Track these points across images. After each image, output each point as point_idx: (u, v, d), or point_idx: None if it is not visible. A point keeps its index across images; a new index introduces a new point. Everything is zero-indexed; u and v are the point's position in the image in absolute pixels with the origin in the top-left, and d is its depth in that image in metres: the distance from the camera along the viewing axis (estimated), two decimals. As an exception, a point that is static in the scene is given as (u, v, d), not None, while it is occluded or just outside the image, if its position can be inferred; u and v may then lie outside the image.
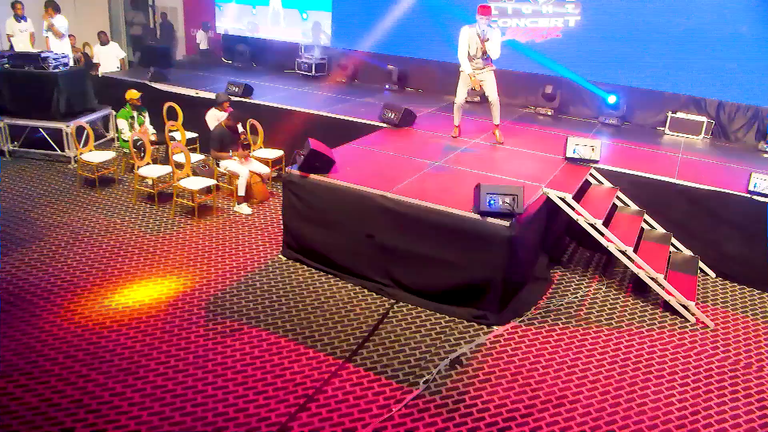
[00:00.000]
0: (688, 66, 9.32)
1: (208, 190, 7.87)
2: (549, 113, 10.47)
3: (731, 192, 6.84)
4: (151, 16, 16.45)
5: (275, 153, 8.91)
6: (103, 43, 12.58)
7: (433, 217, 5.75)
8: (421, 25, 11.24)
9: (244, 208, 7.90)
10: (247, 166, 7.98)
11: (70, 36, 11.64)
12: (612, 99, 9.94)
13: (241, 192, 7.87)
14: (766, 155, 8.81)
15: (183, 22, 16.15)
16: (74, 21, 11.51)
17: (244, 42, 13.44)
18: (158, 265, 6.48)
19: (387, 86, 11.64)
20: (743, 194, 6.76)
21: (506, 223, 5.46)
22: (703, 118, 9.52)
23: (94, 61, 12.79)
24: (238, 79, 10.48)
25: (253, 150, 8.81)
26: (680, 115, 9.68)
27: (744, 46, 8.95)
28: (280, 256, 6.80)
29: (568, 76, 10.12)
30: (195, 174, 8.07)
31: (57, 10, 11.06)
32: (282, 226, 6.82)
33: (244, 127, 8.83)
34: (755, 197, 6.71)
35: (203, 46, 14.82)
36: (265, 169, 8.29)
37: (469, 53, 7.71)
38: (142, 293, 5.89)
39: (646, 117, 10.10)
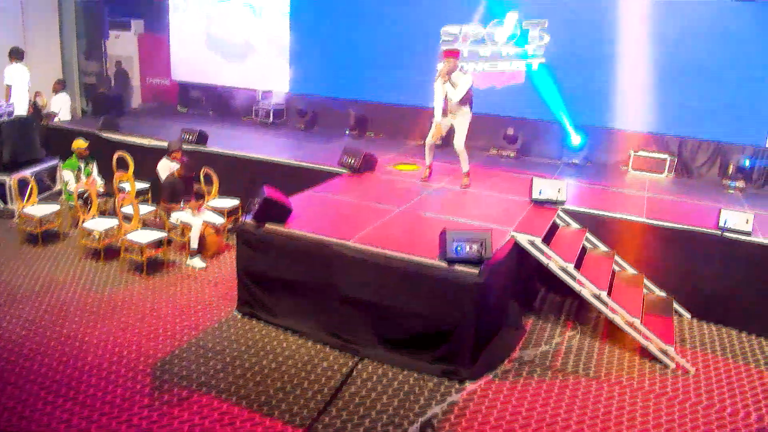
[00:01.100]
0: (649, 104, 9.34)
1: (158, 244, 7.39)
2: (511, 155, 10.34)
3: (702, 229, 6.69)
4: (105, 64, 16.06)
5: (231, 202, 8.51)
6: (56, 92, 12.15)
7: (397, 266, 5.40)
8: (381, 68, 11.11)
9: (197, 262, 7.45)
10: (200, 217, 7.56)
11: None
12: (577, 140, 9.86)
13: (194, 245, 7.43)
14: (730, 191, 8.76)
15: (138, 71, 15.81)
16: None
17: (200, 89, 13.14)
18: (102, 327, 5.96)
19: (347, 131, 11.41)
20: (714, 231, 6.60)
21: (475, 271, 5.15)
22: (666, 156, 9.49)
23: (49, 110, 12.29)
24: (192, 126, 10.11)
25: (208, 200, 8.40)
26: (642, 153, 9.63)
27: (702, 83, 9.02)
28: (235, 312, 6.34)
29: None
30: (145, 226, 7.62)
31: (15, 57, 10.59)
32: (237, 280, 6.38)
33: (197, 176, 8.44)
34: (726, 234, 6.56)
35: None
36: (219, 220, 7.87)
37: (446, 98, 7.61)
38: (82, 359, 5.37)
39: (609, 156, 10.04)
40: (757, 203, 7.95)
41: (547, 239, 6.45)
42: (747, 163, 8.97)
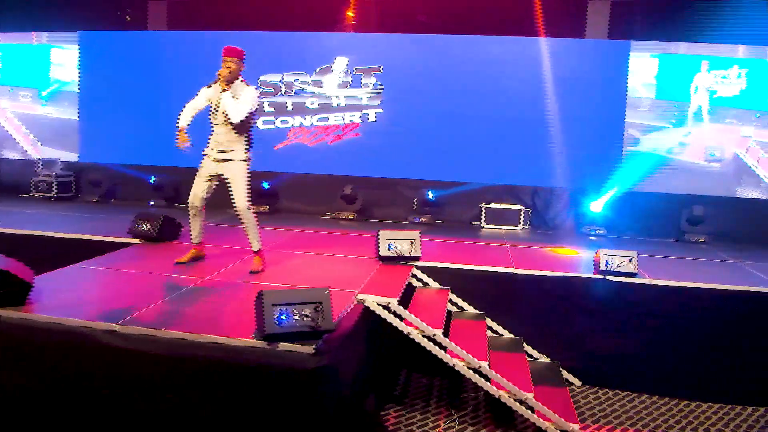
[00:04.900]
0: (495, 155, 8.63)
1: None
2: (351, 217, 8.95)
3: (582, 275, 5.61)
4: None
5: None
6: None
7: (192, 356, 3.57)
8: (194, 130, 9.38)
9: None
10: None
11: None
12: (429, 195, 8.76)
13: None
14: (593, 238, 7.99)
15: None
16: None
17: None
18: None
19: (152, 202, 9.44)
20: (597, 277, 5.53)
21: (309, 348, 3.46)
22: (519, 207, 8.61)
23: None
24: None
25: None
26: (494, 205, 8.69)
27: (547, 131, 8.49)
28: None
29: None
30: None
31: None
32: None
33: None
34: (609, 277, 5.50)
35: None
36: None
37: (211, 121, 5.42)
38: None
39: (459, 212, 9.02)
40: (623, 249, 7.10)
41: (404, 304, 4.95)
42: (602, 210, 8.31)
